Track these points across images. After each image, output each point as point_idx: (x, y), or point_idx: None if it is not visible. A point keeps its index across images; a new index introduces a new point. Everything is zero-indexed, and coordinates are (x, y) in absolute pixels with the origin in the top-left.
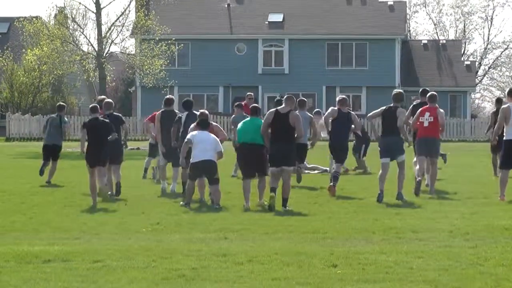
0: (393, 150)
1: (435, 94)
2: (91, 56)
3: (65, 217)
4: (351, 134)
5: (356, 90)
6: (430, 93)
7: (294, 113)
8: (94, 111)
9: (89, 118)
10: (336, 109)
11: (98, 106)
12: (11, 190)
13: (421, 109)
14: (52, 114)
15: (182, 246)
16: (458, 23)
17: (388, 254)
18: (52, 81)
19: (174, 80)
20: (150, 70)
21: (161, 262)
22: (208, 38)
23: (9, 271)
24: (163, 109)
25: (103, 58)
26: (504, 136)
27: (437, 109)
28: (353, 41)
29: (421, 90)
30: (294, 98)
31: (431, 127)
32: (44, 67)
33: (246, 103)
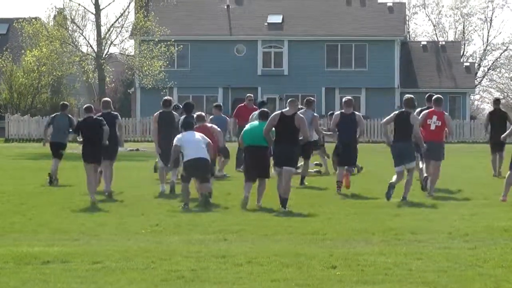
0: (403, 155)
1: (441, 97)
2: (90, 57)
3: (64, 218)
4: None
5: (355, 92)
6: (435, 96)
7: (299, 115)
8: (88, 111)
9: (83, 118)
10: (338, 113)
11: (92, 106)
12: (11, 191)
13: (428, 111)
14: (52, 114)
15: (182, 247)
16: (457, 25)
17: (387, 255)
18: (51, 82)
19: (173, 81)
20: (150, 71)
21: (160, 263)
22: (207, 39)
23: (8, 272)
24: (161, 110)
25: (103, 59)
26: (503, 136)
27: (444, 114)
28: (352, 42)
29: (427, 96)
30: (297, 101)
31: (438, 131)
32: (43, 68)
33: (245, 105)
